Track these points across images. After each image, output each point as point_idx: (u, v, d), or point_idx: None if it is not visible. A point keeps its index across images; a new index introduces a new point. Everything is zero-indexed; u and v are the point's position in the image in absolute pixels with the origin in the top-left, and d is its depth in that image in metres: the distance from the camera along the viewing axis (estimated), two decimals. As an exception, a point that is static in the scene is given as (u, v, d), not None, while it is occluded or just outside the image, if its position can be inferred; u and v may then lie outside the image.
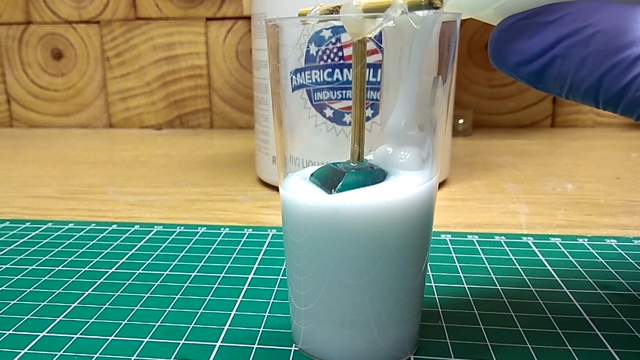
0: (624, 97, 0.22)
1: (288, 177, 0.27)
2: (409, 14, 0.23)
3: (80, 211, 0.53)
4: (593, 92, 0.22)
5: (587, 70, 0.22)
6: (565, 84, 0.23)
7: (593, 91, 0.22)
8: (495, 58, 0.25)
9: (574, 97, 0.24)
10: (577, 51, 0.22)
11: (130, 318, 0.33)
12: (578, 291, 0.35)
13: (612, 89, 0.22)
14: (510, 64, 0.24)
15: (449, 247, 0.42)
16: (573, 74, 0.23)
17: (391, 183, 0.25)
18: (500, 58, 0.25)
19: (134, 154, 0.80)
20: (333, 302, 0.26)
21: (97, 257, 0.41)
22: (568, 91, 0.23)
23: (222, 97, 0.99)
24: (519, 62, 0.24)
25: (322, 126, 0.30)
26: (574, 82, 0.23)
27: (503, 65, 0.25)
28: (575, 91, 0.23)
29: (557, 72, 0.23)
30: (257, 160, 0.61)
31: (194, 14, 0.97)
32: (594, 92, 0.22)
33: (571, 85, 0.23)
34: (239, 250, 0.42)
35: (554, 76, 0.23)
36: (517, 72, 0.24)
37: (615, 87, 0.22)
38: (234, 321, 0.32)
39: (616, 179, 0.60)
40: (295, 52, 0.26)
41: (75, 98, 1.03)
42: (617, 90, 0.22)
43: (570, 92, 0.23)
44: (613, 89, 0.22)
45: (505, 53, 0.24)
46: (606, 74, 0.22)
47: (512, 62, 0.24)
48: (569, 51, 0.22)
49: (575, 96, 0.23)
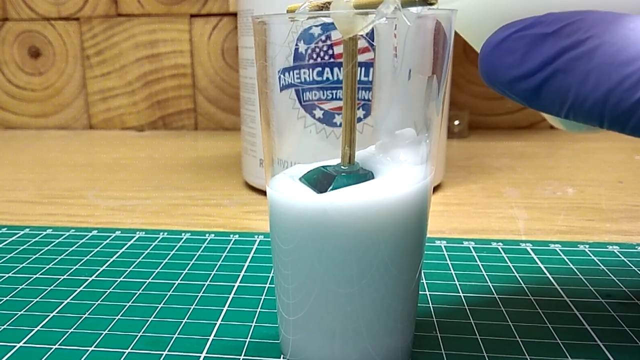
0: (634, 114, 0.21)
1: (276, 176, 0.27)
2: (402, 10, 0.23)
3: (58, 216, 0.53)
4: (598, 109, 0.22)
5: (591, 86, 0.21)
6: (566, 102, 0.22)
7: (598, 109, 0.22)
8: (488, 74, 0.24)
9: (575, 116, 0.23)
10: (580, 65, 0.22)
11: (111, 328, 0.32)
12: (579, 300, 0.35)
13: (620, 106, 0.21)
14: (505, 80, 0.23)
15: (444, 253, 0.42)
16: (576, 90, 0.22)
17: (383, 182, 0.25)
18: (493, 74, 0.24)
19: (115, 157, 0.80)
20: (323, 311, 0.26)
21: (77, 264, 0.41)
22: (569, 109, 0.23)
23: (207, 98, 0.99)
24: (515, 77, 0.23)
25: (311, 127, 0.30)
26: (576, 99, 0.22)
27: (497, 81, 0.24)
28: (578, 109, 0.22)
29: (557, 88, 0.22)
30: (244, 163, 0.61)
31: (178, 11, 0.96)
32: (599, 109, 0.22)
33: (573, 103, 0.22)
34: (225, 257, 0.42)
35: (554, 93, 0.23)
36: (512, 89, 0.23)
37: (624, 104, 0.21)
38: (219, 331, 0.32)
39: (619, 183, 0.60)
40: (283, 50, 0.26)
41: (53, 98, 1.03)
42: (626, 107, 0.21)
43: (572, 110, 0.23)
44: (622, 106, 0.21)
45: (499, 68, 0.24)
46: (614, 89, 0.21)
47: (506, 78, 0.23)
48: (571, 65, 0.22)
49: (577, 115, 0.23)
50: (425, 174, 0.26)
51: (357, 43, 0.25)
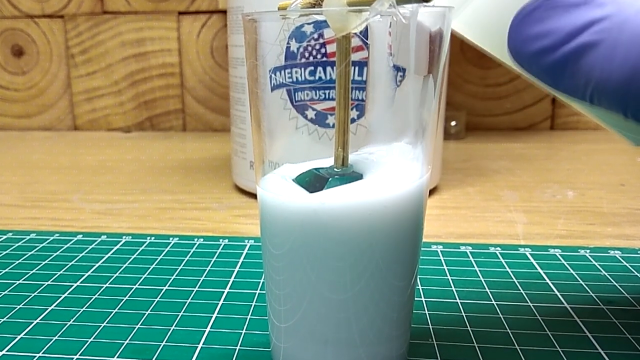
0: None
1: (266, 176, 0.27)
2: (397, 7, 0.23)
3: (42, 220, 0.53)
4: (621, 91, 0.21)
5: (618, 60, 0.20)
6: (591, 80, 0.22)
7: (621, 90, 0.21)
8: (515, 45, 0.24)
9: (600, 99, 0.22)
10: (609, 37, 0.21)
11: (97, 335, 0.32)
12: (579, 306, 0.35)
13: None
14: (531, 52, 0.23)
15: (441, 259, 0.42)
16: (601, 66, 0.21)
17: (376, 183, 0.25)
18: (520, 45, 0.23)
19: (101, 159, 0.79)
20: (315, 319, 0.26)
21: (61, 269, 0.41)
22: (594, 90, 0.22)
23: (196, 98, 0.99)
24: (541, 49, 0.23)
25: (303, 129, 0.30)
26: (601, 77, 0.21)
27: (524, 53, 0.23)
28: (602, 90, 0.21)
29: (583, 63, 0.22)
30: (234, 165, 0.61)
31: (166, 8, 0.96)
32: (622, 91, 0.20)
33: (598, 81, 0.21)
34: (214, 263, 0.42)
35: (580, 69, 0.22)
36: (538, 62, 0.23)
37: None
38: (208, 339, 0.32)
39: (620, 186, 0.60)
40: (274, 49, 0.26)
41: (37, 98, 1.03)
42: None
43: (596, 91, 0.22)
44: None
45: (527, 39, 0.23)
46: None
47: (533, 49, 0.23)
48: (599, 36, 0.21)
49: (602, 98, 0.22)
50: (420, 175, 0.26)
51: (350, 41, 0.25)
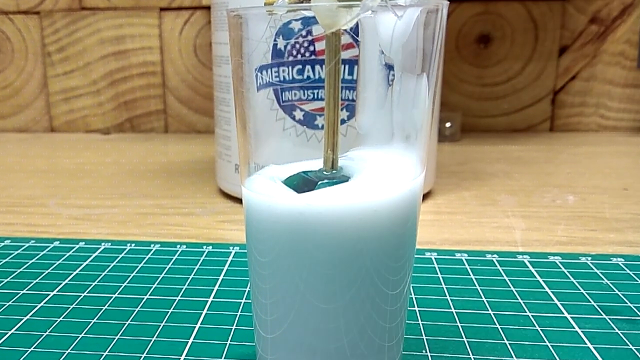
0: None
1: (252, 176, 0.27)
2: (389, 3, 0.23)
3: (17, 226, 0.53)
4: None
5: None
6: None
7: None
8: None
9: None
10: None
11: (75, 347, 0.32)
12: (581, 317, 0.35)
13: None
14: None
15: (435, 266, 0.42)
16: None
17: (366, 185, 0.25)
18: None
19: (79, 162, 0.79)
20: (303, 329, 0.26)
21: (37, 277, 0.41)
22: None
23: (178, 98, 0.99)
24: None
25: (291, 130, 0.30)
26: None
27: None
28: None
29: None
30: (218, 168, 0.61)
31: (146, 4, 0.96)
32: None
33: None
34: (197, 270, 0.42)
35: None
36: None
37: None
38: (191, 350, 0.32)
39: (623, 190, 0.61)
40: (260, 47, 0.26)
41: (12, 98, 1.02)
42: None
43: None
44: None
45: None
46: None
47: None
48: None
49: None
50: (413, 179, 0.26)
51: (340, 38, 0.25)
